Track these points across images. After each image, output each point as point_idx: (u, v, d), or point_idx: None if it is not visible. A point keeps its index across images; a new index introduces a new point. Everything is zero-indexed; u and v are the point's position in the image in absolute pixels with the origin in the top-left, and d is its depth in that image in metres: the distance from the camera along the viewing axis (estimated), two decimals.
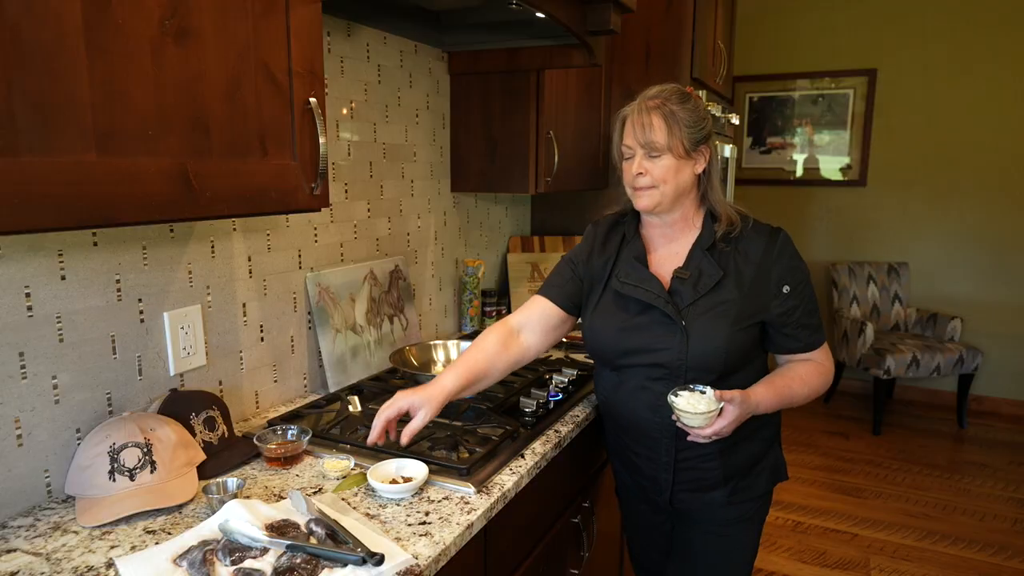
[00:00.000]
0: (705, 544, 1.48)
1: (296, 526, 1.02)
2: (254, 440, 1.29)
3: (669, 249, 1.40)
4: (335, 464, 1.24)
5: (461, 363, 1.36)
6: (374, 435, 1.26)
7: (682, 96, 1.33)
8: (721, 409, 1.24)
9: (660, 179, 1.32)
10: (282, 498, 1.14)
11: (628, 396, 1.40)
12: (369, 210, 1.89)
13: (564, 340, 2.14)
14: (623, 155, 1.37)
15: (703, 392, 1.26)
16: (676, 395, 1.26)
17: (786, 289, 1.33)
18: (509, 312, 2.56)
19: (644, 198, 1.35)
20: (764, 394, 1.31)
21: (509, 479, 1.23)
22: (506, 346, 1.42)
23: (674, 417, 1.27)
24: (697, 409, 1.22)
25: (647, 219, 1.43)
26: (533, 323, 1.46)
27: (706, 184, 1.38)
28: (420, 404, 1.25)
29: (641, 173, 1.33)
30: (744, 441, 1.40)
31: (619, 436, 1.50)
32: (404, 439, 1.24)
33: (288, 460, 1.27)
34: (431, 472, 1.20)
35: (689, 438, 1.29)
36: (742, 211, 1.40)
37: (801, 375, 1.37)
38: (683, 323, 1.30)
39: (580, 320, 1.50)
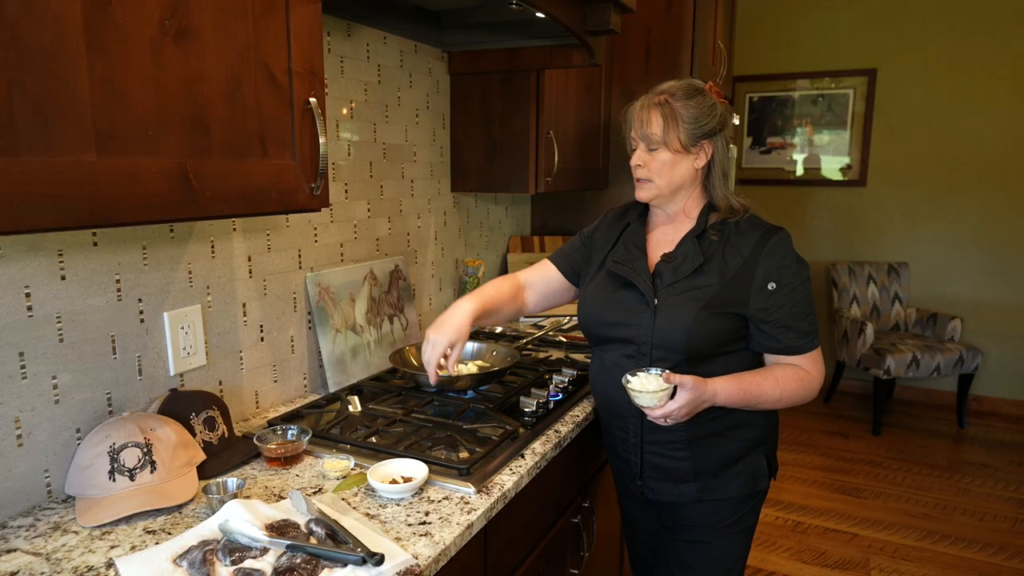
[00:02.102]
0: (687, 552, 1.47)
1: (296, 526, 1.02)
2: (254, 440, 1.29)
3: (666, 237, 1.45)
4: (335, 464, 1.24)
5: (478, 294, 1.48)
6: (434, 379, 1.39)
7: (689, 93, 1.37)
8: (674, 392, 1.25)
9: (656, 172, 1.39)
10: (282, 498, 1.14)
11: (606, 373, 1.44)
12: (369, 210, 1.89)
13: (564, 340, 2.15)
14: (631, 146, 1.45)
15: (659, 374, 1.27)
16: (633, 375, 1.28)
17: (771, 286, 1.32)
18: None
19: (642, 190, 1.43)
20: (725, 385, 1.30)
21: (509, 479, 1.23)
22: (514, 297, 1.56)
23: (631, 398, 1.29)
24: (647, 388, 1.24)
25: (653, 208, 1.50)
26: (537, 284, 1.60)
27: (710, 178, 1.42)
28: (455, 339, 1.38)
29: (640, 165, 1.41)
30: (716, 437, 1.39)
31: (602, 415, 1.54)
32: (452, 370, 1.39)
33: (288, 460, 1.27)
34: (431, 472, 1.20)
35: (648, 418, 1.31)
36: (746, 204, 1.41)
37: (776, 376, 1.34)
38: (655, 302, 1.35)
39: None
